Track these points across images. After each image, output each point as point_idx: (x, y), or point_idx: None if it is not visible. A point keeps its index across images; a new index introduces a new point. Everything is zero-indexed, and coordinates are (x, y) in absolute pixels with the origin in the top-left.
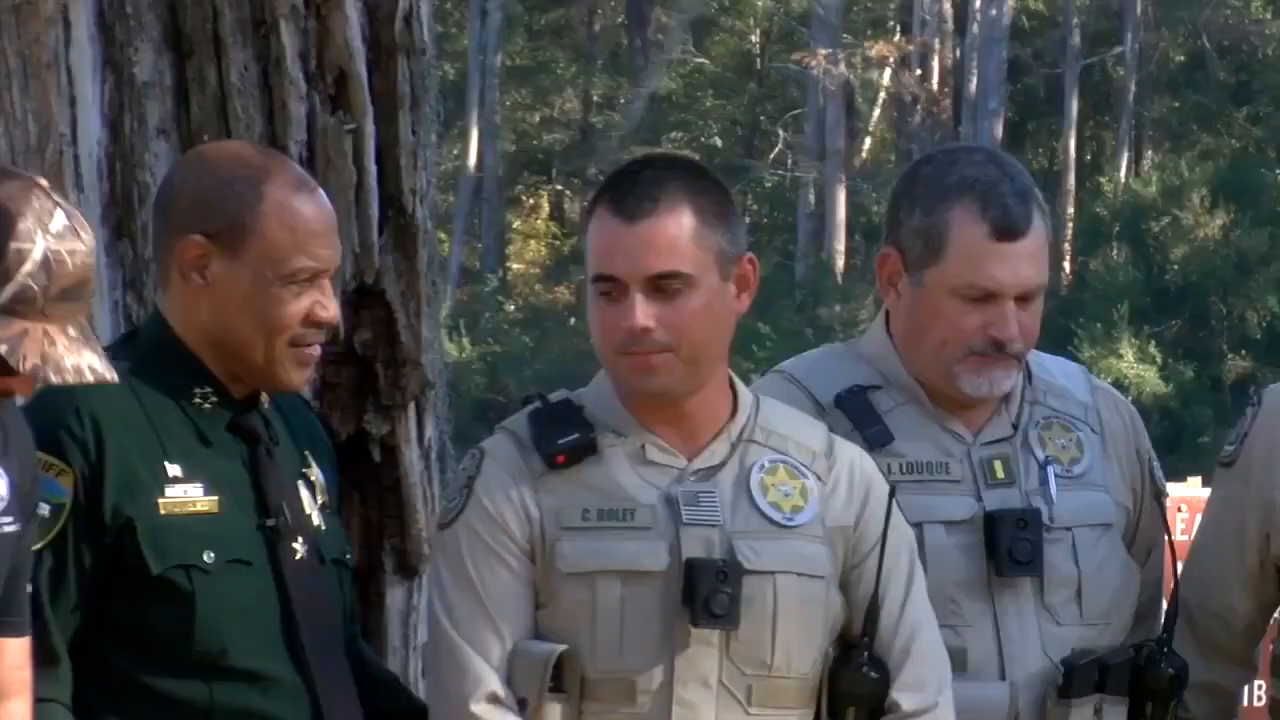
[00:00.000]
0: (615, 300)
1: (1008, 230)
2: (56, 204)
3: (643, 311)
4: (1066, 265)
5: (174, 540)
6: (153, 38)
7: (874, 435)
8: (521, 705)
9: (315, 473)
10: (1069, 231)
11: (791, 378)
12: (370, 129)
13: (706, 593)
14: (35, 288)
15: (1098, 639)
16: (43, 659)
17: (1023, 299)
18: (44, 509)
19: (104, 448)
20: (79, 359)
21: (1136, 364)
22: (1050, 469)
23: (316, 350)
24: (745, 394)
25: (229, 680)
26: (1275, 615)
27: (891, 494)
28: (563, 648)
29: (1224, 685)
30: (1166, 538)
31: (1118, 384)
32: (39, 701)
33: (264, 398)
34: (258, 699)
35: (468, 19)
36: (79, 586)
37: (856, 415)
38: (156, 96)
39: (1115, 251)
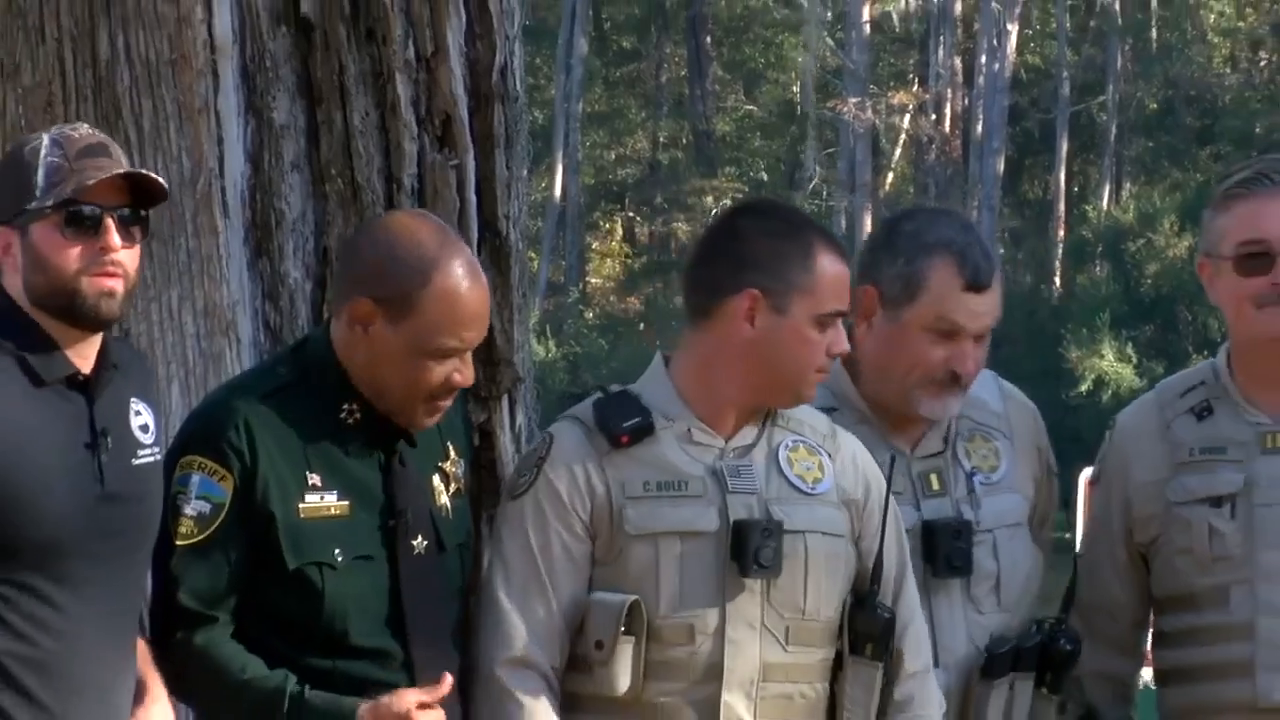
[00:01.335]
0: (828, 329)
1: (978, 284)
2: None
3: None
4: (1057, 280)
5: (308, 540)
6: (288, 87)
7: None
8: (599, 646)
9: (451, 462)
10: (1059, 251)
11: None
12: (471, 164)
13: (755, 546)
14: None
15: (1010, 622)
16: (201, 621)
17: (979, 337)
18: (205, 507)
19: (257, 456)
20: None
21: (1115, 362)
22: (976, 479)
23: (449, 401)
24: None
25: (348, 657)
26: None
27: (889, 480)
28: (634, 597)
29: (1117, 673)
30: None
31: (1100, 380)
32: (211, 645)
33: None
34: (372, 669)
35: (554, 72)
36: (234, 571)
37: None
38: (291, 137)
39: (1098, 268)
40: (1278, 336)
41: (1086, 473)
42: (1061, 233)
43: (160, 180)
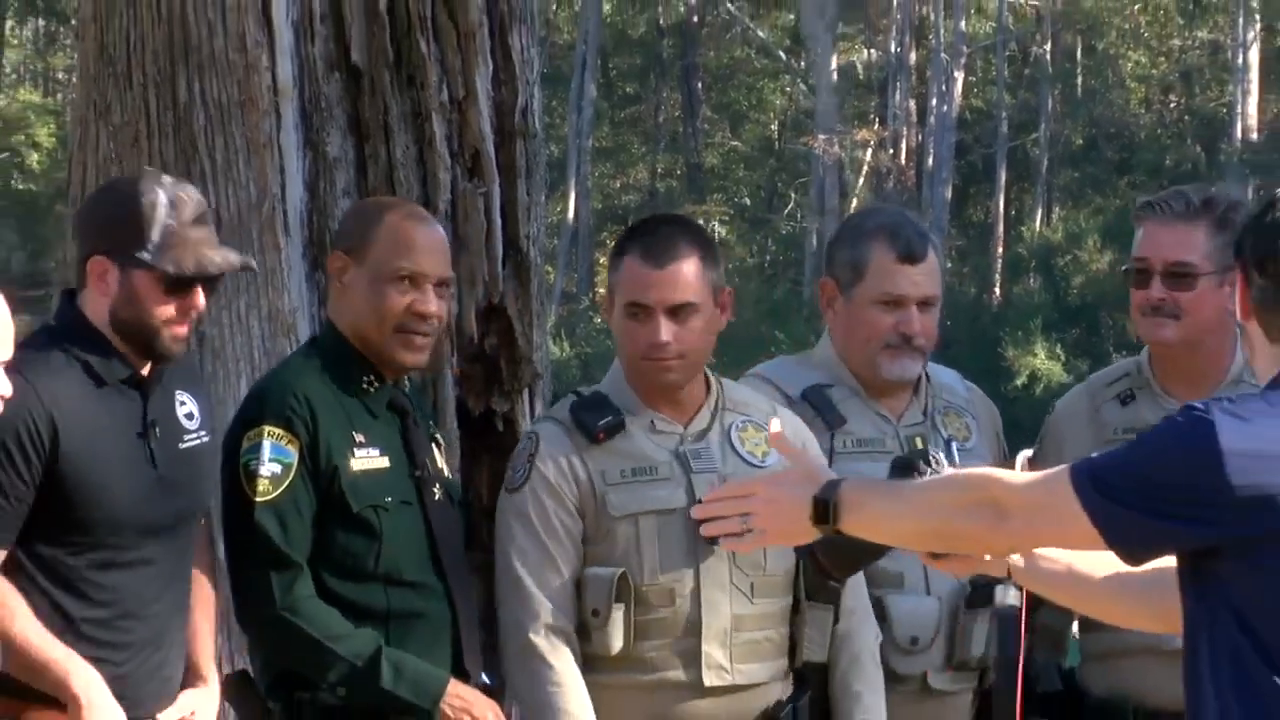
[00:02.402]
0: (643, 321)
1: (910, 255)
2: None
3: (665, 330)
4: (997, 290)
5: (364, 487)
6: (340, 125)
7: (832, 419)
8: (595, 614)
9: (441, 435)
10: (999, 266)
11: (765, 378)
12: (497, 192)
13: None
14: None
15: None
16: (288, 565)
17: (923, 305)
18: (277, 468)
19: (316, 420)
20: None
21: (1047, 361)
22: (953, 444)
23: (423, 340)
24: (713, 378)
25: (400, 588)
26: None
27: (830, 452)
28: (621, 570)
29: (1052, 626)
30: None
31: (1033, 375)
32: (304, 597)
33: (404, 382)
34: (418, 601)
35: (568, 112)
36: (305, 522)
37: (818, 405)
38: (343, 168)
39: (1032, 280)
40: (1153, 341)
41: (1024, 453)
42: (1001, 250)
43: (253, 265)
